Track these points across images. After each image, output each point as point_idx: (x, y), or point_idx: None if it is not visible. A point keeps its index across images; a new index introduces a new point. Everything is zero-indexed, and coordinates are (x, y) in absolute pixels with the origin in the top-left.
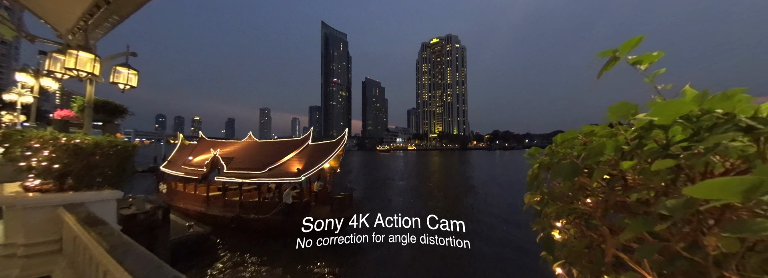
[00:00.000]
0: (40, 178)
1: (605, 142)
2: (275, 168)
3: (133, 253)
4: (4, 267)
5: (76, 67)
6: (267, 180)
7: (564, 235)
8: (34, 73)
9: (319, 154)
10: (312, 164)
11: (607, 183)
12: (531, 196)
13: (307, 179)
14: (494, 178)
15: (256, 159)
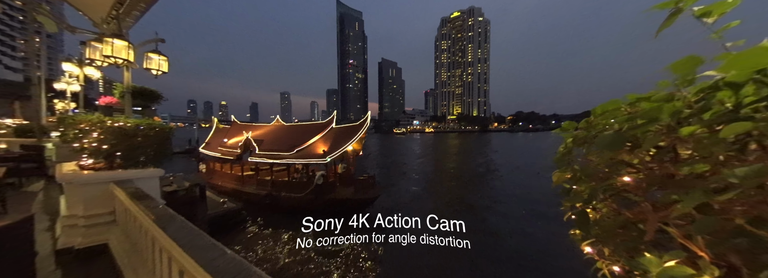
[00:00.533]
0: (93, 158)
1: (661, 106)
2: (302, 149)
3: (176, 223)
4: (68, 235)
5: (112, 54)
6: (295, 161)
7: (595, 214)
8: (78, 62)
9: (342, 137)
10: (336, 146)
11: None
12: (561, 174)
13: (332, 161)
14: (511, 161)
15: (284, 141)
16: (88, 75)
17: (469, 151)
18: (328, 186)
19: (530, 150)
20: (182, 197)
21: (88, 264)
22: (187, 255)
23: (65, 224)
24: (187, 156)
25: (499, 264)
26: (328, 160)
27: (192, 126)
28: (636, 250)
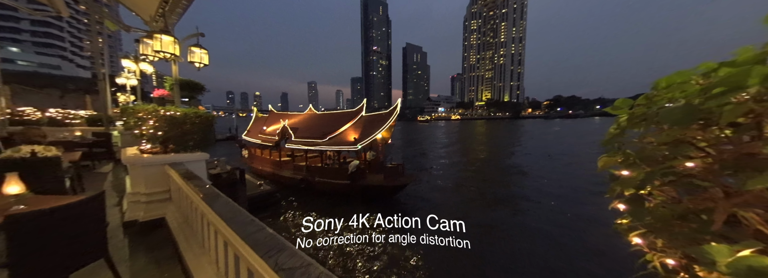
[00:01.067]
0: (150, 143)
1: (750, 69)
2: (334, 137)
3: (220, 201)
4: (132, 210)
5: (161, 49)
6: (328, 148)
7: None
8: (134, 59)
9: (372, 125)
10: (366, 134)
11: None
12: (608, 158)
13: (362, 148)
14: (540, 149)
15: (318, 129)
16: (143, 70)
17: (496, 139)
18: (359, 172)
19: (565, 137)
20: (225, 179)
21: (150, 235)
22: (230, 228)
23: (130, 200)
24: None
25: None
26: (359, 147)
27: (231, 115)
28: (697, 241)
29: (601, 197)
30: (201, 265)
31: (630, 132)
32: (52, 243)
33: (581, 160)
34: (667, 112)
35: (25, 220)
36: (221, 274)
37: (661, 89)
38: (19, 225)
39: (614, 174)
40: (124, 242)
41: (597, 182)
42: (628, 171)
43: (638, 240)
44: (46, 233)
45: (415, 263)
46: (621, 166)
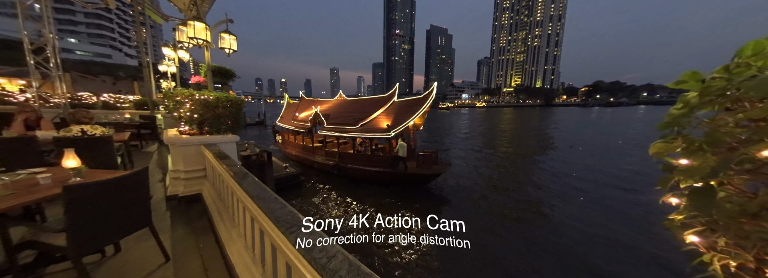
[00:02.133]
0: (188, 125)
1: None
2: (366, 123)
3: (248, 179)
4: (173, 185)
5: (195, 35)
6: (360, 135)
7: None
8: (173, 46)
9: (405, 111)
10: (399, 121)
11: None
12: (664, 144)
13: (394, 135)
14: (571, 141)
15: (349, 116)
16: (181, 57)
17: (523, 128)
18: (391, 159)
19: (602, 127)
20: (254, 161)
21: (188, 208)
22: (256, 205)
23: (172, 176)
24: (259, 127)
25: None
26: (392, 135)
27: (259, 101)
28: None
29: (630, 192)
30: (231, 238)
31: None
32: (104, 211)
33: (608, 152)
34: (757, 83)
35: (80, 190)
36: (248, 246)
37: (747, 57)
38: (76, 194)
39: (670, 163)
40: (166, 214)
41: (621, 176)
42: (687, 160)
43: (695, 238)
44: (99, 202)
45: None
46: (680, 154)
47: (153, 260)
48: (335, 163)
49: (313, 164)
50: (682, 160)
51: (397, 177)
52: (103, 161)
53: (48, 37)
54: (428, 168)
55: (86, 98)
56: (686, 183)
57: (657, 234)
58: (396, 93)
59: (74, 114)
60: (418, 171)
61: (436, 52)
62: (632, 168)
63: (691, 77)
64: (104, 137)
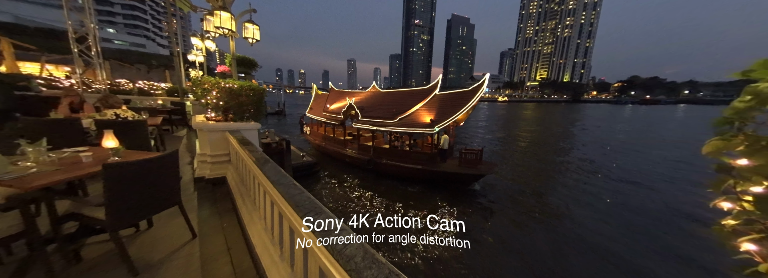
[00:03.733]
0: (214, 112)
1: None
2: (405, 117)
3: (269, 165)
4: (201, 168)
5: (221, 25)
6: (399, 130)
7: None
8: (201, 36)
9: (450, 104)
10: (444, 115)
11: None
12: (720, 142)
13: (440, 130)
14: (598, 139)
15: (385, 108)
16: (208, 47)
17: (547, 125)
18: (431, 156)
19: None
20: (274, 148)
21: (213, 190)
22: (276, 190)
23: (199, 160)
24: (279, 116)
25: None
26: (437, 130)
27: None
28: None
29: (659, 193)
30: (252, 220)
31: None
32: (139, 188)
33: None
34: None
35: (118, 168)
36: (268, 229)
37: None
38: (114, 172)
39: (726, 163)
40: (193, 194)
41: (630, 180)
42: (747, 160)
43: (751, 246)
44: (134, 180)
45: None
46: (740, 152)
47: (181, 236)
48: (369, 158)
49: (344, 157)
50: (741, 160)
51: (437, 175)
52: (137, 143)
53: (89, 26)
54: (473, 168)
55: (124, 85)
56: (745, 185)
57: (698, 241)
58: (438, 85)
59: (106, 99)
60: (461, 170)
61: (457, 43)
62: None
63: (763, 66)
64: (139, 121)
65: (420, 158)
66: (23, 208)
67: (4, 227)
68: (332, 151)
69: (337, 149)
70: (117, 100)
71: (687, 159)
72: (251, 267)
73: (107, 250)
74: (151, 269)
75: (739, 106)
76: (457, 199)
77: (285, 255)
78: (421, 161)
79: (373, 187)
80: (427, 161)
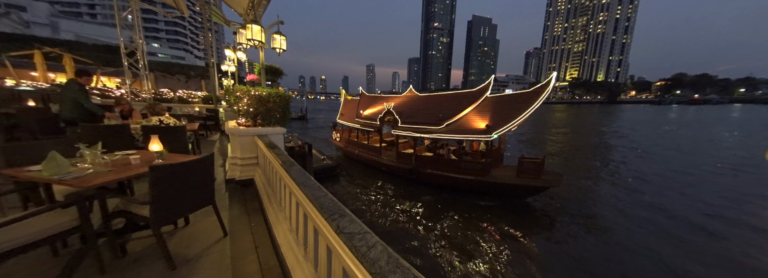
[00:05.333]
0: (244, 118)
1: None
2: (452, 123)
3: (295, 168)
4: (232, 170)
5: (252, 37)
6: (449, 137)
7: None
8: (233, 48)
9: (509, 108)
10: (504, 119)
11: None
12: None
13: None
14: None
15: (428, 114)
16: (239, 58)
17: (578, 131)
18: (484, 166)
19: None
20: (297, 151)
21: (243, 191)
22: (302, 191)
23: (230, 162)
24: (301, 121)
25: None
26: (495, 137)
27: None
28: None
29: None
30: (278, 220)
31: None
32: (179, 188)
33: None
34: None
35: (163, 170)
36: (293, 229)
37: None
38: (159, 173)
39: None
40: (225, 195)
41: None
42: None
43: None
44: (175, 181)
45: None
46: None
47: (214, 234)
48: (412, 168)
49: (380, 166)
50: None
51: (491, 187)
52: (177, 146)
53: (138, 42)
54: (534, 179)
55: (166, 93)
56: None
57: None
58: (489, 87)
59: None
60: (521, 181)
61: (478, 45)
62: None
63: None
64: (179, 126)
65: (472, 168)
66: (80, 205)
67: (63, 222)
68: (367, 159)
69: (371, 157)
70: (162, 107)
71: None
72: (277, 265)
73: (149, 245)
74: (187, 264)
75: None
76: (507, 212)
77: (309, 256)
78: (472, 171)
79: (403, 194)
80: (479, 171)
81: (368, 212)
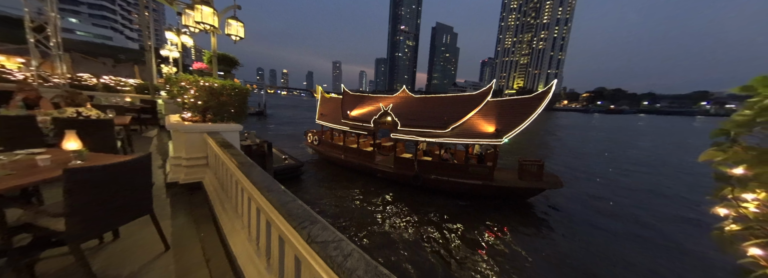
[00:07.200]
0: (190, 111)
1: None
2: (457, 127)
3: (256, 170)
4: (174, 172)
5: (202, 20)
6: (457, 141)
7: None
8: (177, 31)
9: (515, 112)
10: (512, 124)
11: None
12: (715, 152)
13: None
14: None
15: (430, 117)
16: (184, 42)
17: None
18: (490, 170)
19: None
20: (255, 150)
21: (189, 196)
22: (265, 197)
23: (172, 163)
24: (259, 117)
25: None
26: (505, 141)
27: (260, 91)
28: None
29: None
30: (234, 229)
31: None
32: (105, 196)
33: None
34: None
35: (82, 174)
36: (252, 239)
37: None
38: (78, 178)
39: (723, 172)
40: (166, 201)
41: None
42: (743, 169)
43: (758, 251)
44: (101, 187)
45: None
46: (742, 162)
47: (152, 248)
48: (415, 174)
49: (374, 172)
50: (737, 169)
51: (498, 191)
52: (103, 145)
53: (49, 15)
54: (536, 181)
55: (86, 80)
56: (745, 192)
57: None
58: (491, 91)
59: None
60: (524, 184)
61: (441, 50)
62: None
63: (761, 83)
64: (106, 120)
65: (480, 172)
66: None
67: None
68: (356, 165)
69: (362, 162)
70: (84, 98)
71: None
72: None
73: (67, 264)
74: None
75: (738, 119)
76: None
77: (273, 267)
78: (480, 175)
79: (374, 193)
80: (487, 175)
81: (342, 216)
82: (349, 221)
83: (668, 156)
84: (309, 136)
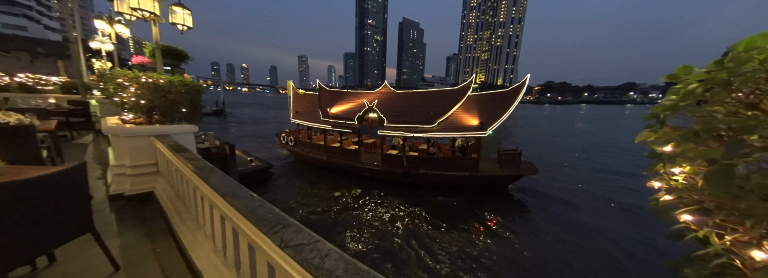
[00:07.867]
0: (132, 112)
1: None
2: (443, 121)
3: (216, 174)
4: (118, 183)
5: (139, 6)
6: (445, 135)
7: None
8: (109, 20)
9: (494, 106)
10: (493, 116)
11: None
12: (649, 133)
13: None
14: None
15: (419, 112)
16: (119, 33)
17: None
18: (476, 161)
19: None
20: (215, 153)
21: (139, 208)
22: (229, 203)
23: (115, 173)
24: (218, 117)
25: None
26: (490, 133)
27: (217, 88)
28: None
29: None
30: (196, 240)
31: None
32: (32, 216)
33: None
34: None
35: (1, 191)
36: (218, 249)
37: (739, 53)
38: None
39: (655, 150)
40: (111, 216)
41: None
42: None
43: (688, 217)
44: (26, 205)
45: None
46: (672, 141)
47: (99, 270)
48: (405, 170)
49: (362, 171)
50: (666, 147)
51: (484, 181)
52: (24, 155)
53: None
54: (516, 169)
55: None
56: (674, 166)
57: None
58: (471, 86)
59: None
60: (506, 172)
61: (408, 46)
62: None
63: (683, 72)
64: (25, 126)
65: (467, 164)
66: None
67: None
68: (341, 165)
69: (348, 162)
70: (0, 101)
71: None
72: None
73: None
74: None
75: (666, 104)
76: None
77: (244, 277)
78: (467, 167)
79: (344, 186)
80: (473, 167)
81: (322, 220)
82: (331, 223)
83: (609, 139)
84: (282, 136)
